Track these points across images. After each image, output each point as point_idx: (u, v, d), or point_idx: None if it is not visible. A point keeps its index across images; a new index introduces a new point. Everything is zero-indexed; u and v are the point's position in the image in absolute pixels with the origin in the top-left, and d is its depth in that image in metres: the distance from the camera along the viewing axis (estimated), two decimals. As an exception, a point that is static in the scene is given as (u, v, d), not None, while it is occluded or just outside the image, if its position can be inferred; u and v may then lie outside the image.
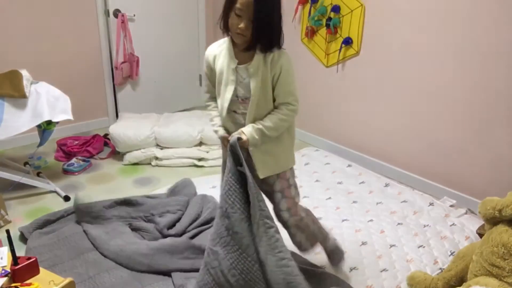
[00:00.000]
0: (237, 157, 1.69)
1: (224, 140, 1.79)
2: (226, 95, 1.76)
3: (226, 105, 1.77)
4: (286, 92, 1.75)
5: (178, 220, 2.59)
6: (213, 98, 1.91)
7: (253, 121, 1.75)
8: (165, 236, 2.44)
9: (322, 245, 2.12)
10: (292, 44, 3.83)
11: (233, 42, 1.74)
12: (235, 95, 1.76)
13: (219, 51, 1.79)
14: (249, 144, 1.72)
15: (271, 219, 1.75)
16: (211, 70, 1.83)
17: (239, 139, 1.69)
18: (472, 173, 2.88)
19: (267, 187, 1.91)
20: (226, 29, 1.69)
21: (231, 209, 1.71)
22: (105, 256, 2.29)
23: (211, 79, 1.86)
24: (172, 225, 2.54)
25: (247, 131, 1.72)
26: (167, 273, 2.19)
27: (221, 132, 1.82)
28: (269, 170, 1.86)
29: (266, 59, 1.70)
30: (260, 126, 1.73)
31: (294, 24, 3.76)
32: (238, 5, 1.58)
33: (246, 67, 1.72)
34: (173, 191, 2.94)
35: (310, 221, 2.03)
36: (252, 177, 1.70)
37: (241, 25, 1.60)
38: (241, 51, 1.72)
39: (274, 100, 1.77)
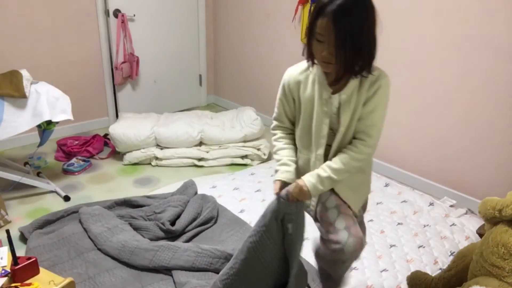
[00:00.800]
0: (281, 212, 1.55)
1: (277, 188, 1.57)
2: (321, 131, 1.57)
3: (323, 141, 1.58)
4: (368, 120, 1.51)
5: (179, 215, 2.60)
6: (282, 128, 1.72)
7: (338, 153, 1.56)
8: (166, 230, 2.45)
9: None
10: (292, 44, 3.84)
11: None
12: (330, 128, 1.57)
13: (303, 77, 1.58)
14: (312, 196, 1.53)
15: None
16: (292, 99, 1.63)
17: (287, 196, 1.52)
18: (472, 173, 2.88)
19: (320, 207, 1.71)
20: (311, 57, 1.50)
21: (250, 261, 1.62)
22: (106, 253, 2.30)
23: (289, 107, 1.66)
24: (173, 219, 2.55)
25: (309, 183, 1.52)
26: (168, 271, 2.19)
27: (285, 175, 1.59)
28: (357, 205, 1.71)
29: (362, 84, 1.48)
30: (328, 174, 1.52)
31: (294, 24, 3.76)
32: (317, 30, 1.39)
33: (339, 94, 1.52)
34: (177, 192, 2.94)
35: (361, 249, 1.64)
36: (294, 243, 1.58)
37: (324, 52, 1.40)
38: (333, 80, 1.52)
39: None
